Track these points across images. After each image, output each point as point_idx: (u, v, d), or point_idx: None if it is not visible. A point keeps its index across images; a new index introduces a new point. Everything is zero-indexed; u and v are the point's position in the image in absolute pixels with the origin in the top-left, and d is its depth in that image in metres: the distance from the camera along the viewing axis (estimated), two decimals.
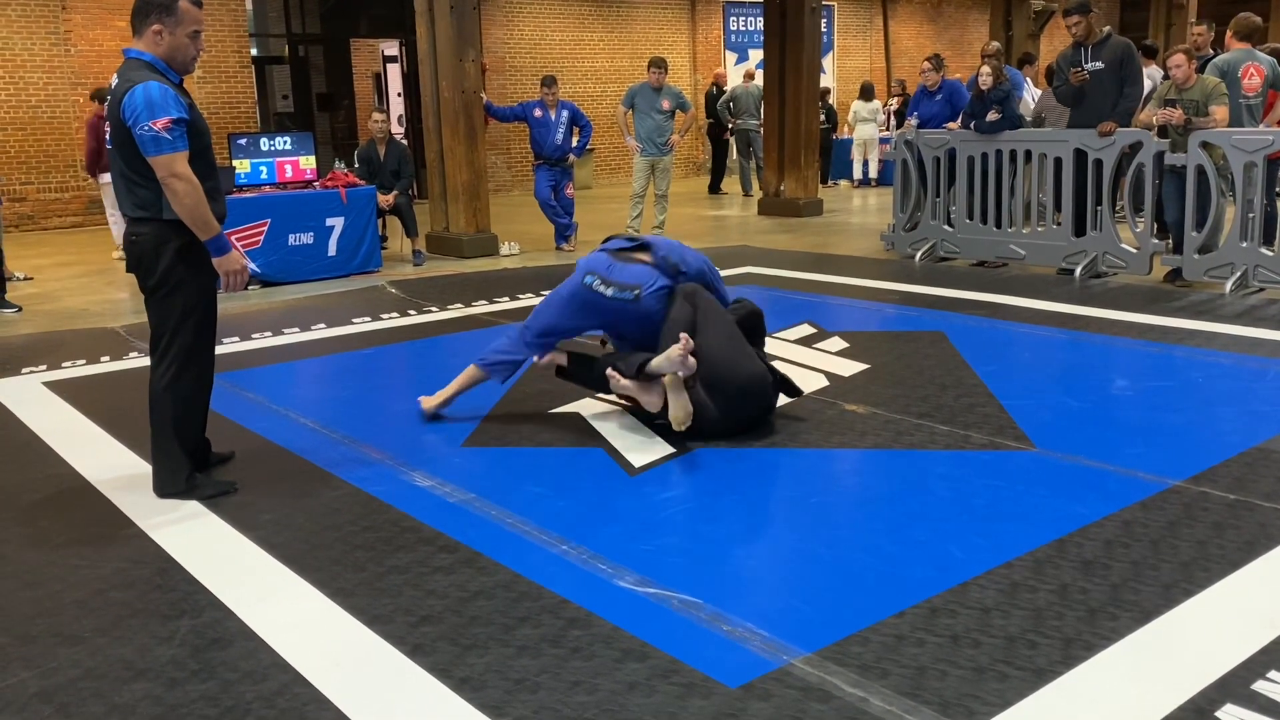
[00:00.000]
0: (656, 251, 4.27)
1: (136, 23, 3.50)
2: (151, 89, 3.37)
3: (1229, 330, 5.73)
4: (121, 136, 3.44)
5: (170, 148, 3.37)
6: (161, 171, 3.39)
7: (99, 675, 2.53)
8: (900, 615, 2.68)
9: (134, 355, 5.96)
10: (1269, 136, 6.61)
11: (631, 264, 4.23)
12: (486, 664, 2.51)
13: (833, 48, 19.76)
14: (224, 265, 3.57)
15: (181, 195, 3.40)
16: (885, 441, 4.09)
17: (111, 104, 3.45)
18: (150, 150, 3.37)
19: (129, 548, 3.29)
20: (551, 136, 9.52)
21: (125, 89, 3.40)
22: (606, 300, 4.19)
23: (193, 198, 3.41)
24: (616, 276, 4.17)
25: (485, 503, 3.55)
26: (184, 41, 3.51)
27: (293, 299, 7.75)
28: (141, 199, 3.50)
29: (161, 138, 3.35)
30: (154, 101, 3.35)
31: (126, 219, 3.59)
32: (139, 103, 3.35)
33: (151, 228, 3.52)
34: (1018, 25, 13.74)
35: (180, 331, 3.61)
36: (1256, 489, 3.44)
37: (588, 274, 4.22)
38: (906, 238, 8.70)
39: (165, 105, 3.36)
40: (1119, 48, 7.42)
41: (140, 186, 3.49)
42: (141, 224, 3.53)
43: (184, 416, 3.68)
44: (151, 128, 3.34)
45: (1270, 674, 2.35)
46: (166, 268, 3.53)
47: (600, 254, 4.30)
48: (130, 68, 3.47)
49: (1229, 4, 8.20)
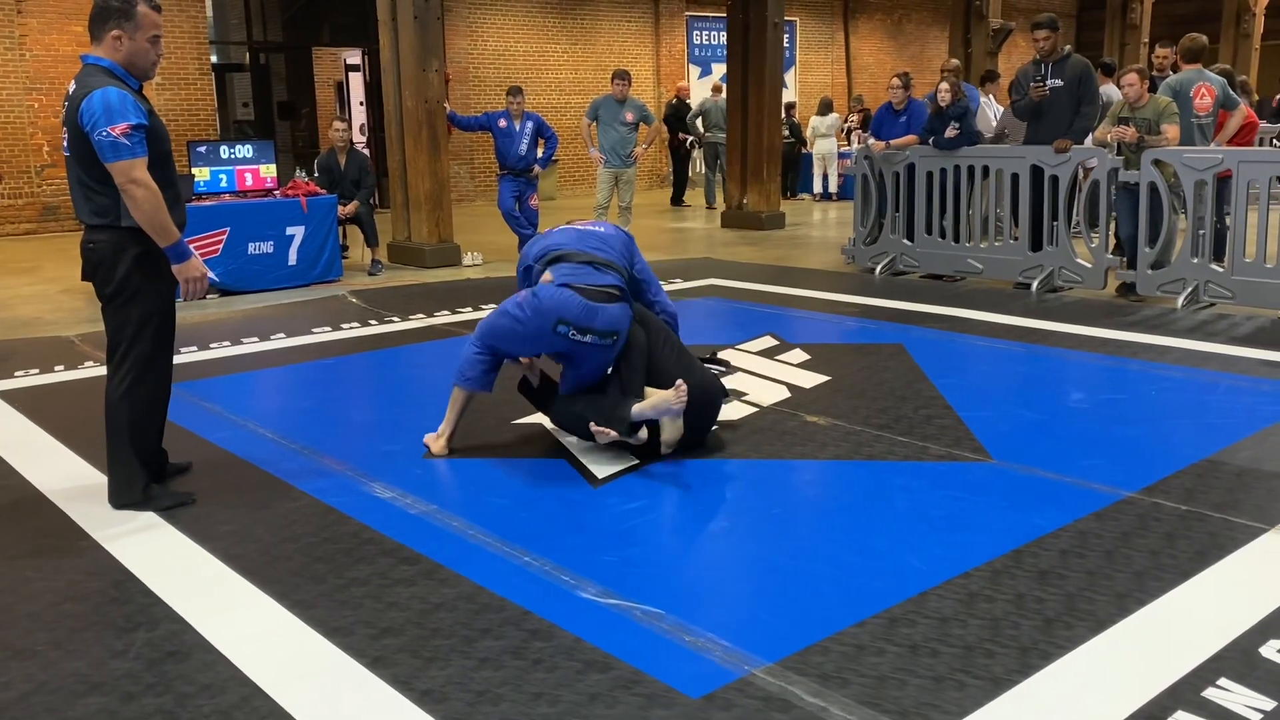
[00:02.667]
0: (614, 275, 4.04)
1: (95, 28, 3.45)
2: (110, 94, 3.33)
3: (1181, 344, 5.85)
4: (79, 143, 3.40)
5: (129, 153, 3.33)
6: (120, 178, 3.34)
7: (51, 689, 2.48)
8: (860, 625, 2.70)
9: (89, 364, 5.87)
10: (1219, 155, 6.76)
11: (606, 305, 3.91)
12: (448, 676, 2.50)
13: (795, 63, 19.93)
14: (184, 273, 3.51)
15: (140, 201, 3.35)
16: (846, 453, 4.12)
17: (69, 109, 3.40)
18: (109, 156, 3.32)
19: (84, 560, 3.24)
20: (516, 147, 9.50)
21: (84, 94, 3.35)
22: (582, 344, 3.94)
23: (151, 204, 3.37)
24: (595, 323, 3.88)
25: (447, 514, 3.54)
26: (144, 47, 3.48)
27: (252, 308, 7.68)
28: (99, 206, 3.46)
29: (120, 143, 3.31)
30: (112, 107, 3.31)
31: (84, 226, 3.54)
32: (97, 108, 3.31)
33: (109, 235, 3.48)
34: (976, 43, 13.93)
35: (138, 340, 3.56)
36: (1207, 500, 3.51)
37: (559, 322, 3.88)
38: (867, 251, 8.78)
39: (124, 110, 3.33)
40: (1078, 66, 7.56)
41: (97, 194, 3.45)
42: (99, 231, 3.49)
43: (140, 426, 3.63)
44: (110, 133, 3.29)
45: (1220, 681, 2.40)
46: (124, 276, 3.49)
47: (567, 294, 3.90)
48: (89, 73, 3.43)
49: (1181, 25, 8.39)
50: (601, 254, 4.10)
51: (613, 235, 4.31)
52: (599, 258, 4.07)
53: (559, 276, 3.97)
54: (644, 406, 3.87)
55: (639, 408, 3.86)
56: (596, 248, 4.14)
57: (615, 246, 4.23)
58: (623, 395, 3.98)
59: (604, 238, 4.26)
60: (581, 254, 4.07)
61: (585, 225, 4.37)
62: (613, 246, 4.22)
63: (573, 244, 4.15)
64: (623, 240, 4.33)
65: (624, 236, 4.37)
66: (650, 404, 3.86)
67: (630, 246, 4.34)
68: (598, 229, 4.31)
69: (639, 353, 4.02)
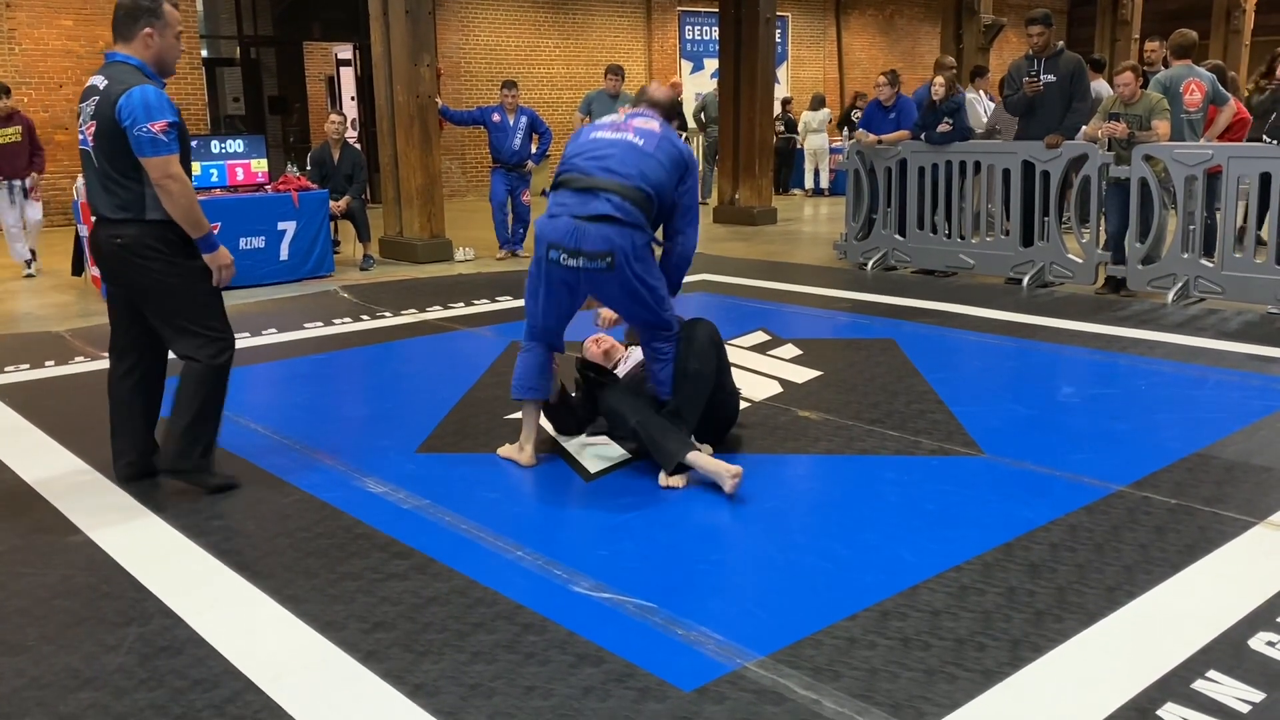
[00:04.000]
0: (613, 199, 3.63)
1: (124, 28, 3.54)
2: (149, 92, 3.44)
3: (1171, 339, 5.87)
4: (107, 137, 3.46)
5: (166, 149, 3.43)
6: (156, 173, 3.43)
7: (44, 684, 2.48)
8: (852, 618, 2.71)
9: (79, 360, 5.86)
10: (1209, 151, 6.78)
11: (598, 225, 3.60)
12: (441, 670, 2.50)
13: (787, 58, 19.94)
14: (214, 261, 3.62)
15: (176, 195, 3.46)
16: (837, 447, 4.13)
17: (102, 105, 3.46)
18: (147, 151, 3.41)
19: (76, 555, 3.23)
20: (510, 141, 9.49)
21: (120, 91, 3.42)
22: (581, 272, 3.66)
23: (187, 197, 3.49)
24: (583, 245, 3.60)
25: (439, 508, 3.54)
26: (171, 44, 3.60)
27: (244, 303, 7.65)
28: (123, 200, 3.52)
29: (159, 139, 3.41)
30: (151, 105, 3.41)
31: (104, 220, 3.58)
32: (137, 105, 3.40)
33: (135, 229, 3.54)
34: (968, 38, 13.96)
35: (212, 307, 3.67)
36: (1196, 494, 3.53)
37: (550, 247, 3.66)
38: (858, 247, 8.80)
39: (162, 108, 3.44)
40: (1070, 63, 7.59)
41: (122, 188, 3.51)
42: (123, 225, 3.54)
43: (223, 394, 3.73)
44: (150, 129, 3.39)
45: (1209, 673, 2.42)
46: (162, 268, 3.56)
47: (556, 220, 3.67)
48: (121, 71, 3.50)
49: (1172, 21, 8.41)
50: (610, 176, 3.67)
51: (651, 147, 3.76)
52: (599, 182, 3.66)
53: (551, 205, 3.78)
54: (699, 461, 3.66)
55: (694, 458, 3.66)
56: (608, 168, 3.69)
57: (639, 162, 3.71)
58: (674, 420, 3.80)
59: (629, 151, 3.74)
60: (583, 179, 3.70)
61: (633, 125, 3.84)
62: (635, 162, 3.71)
63: (581, 164, 3.75)
64: (671, 154, 3.79)
65: (675, 151, 3.81)
66: (705, 466, 3.65)
67: (681, 162, 3.82)
68: (636, 140, 3.77)
69: (703, 382, 3.82)
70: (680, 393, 3.83)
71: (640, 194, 3.67)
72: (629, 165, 3.70)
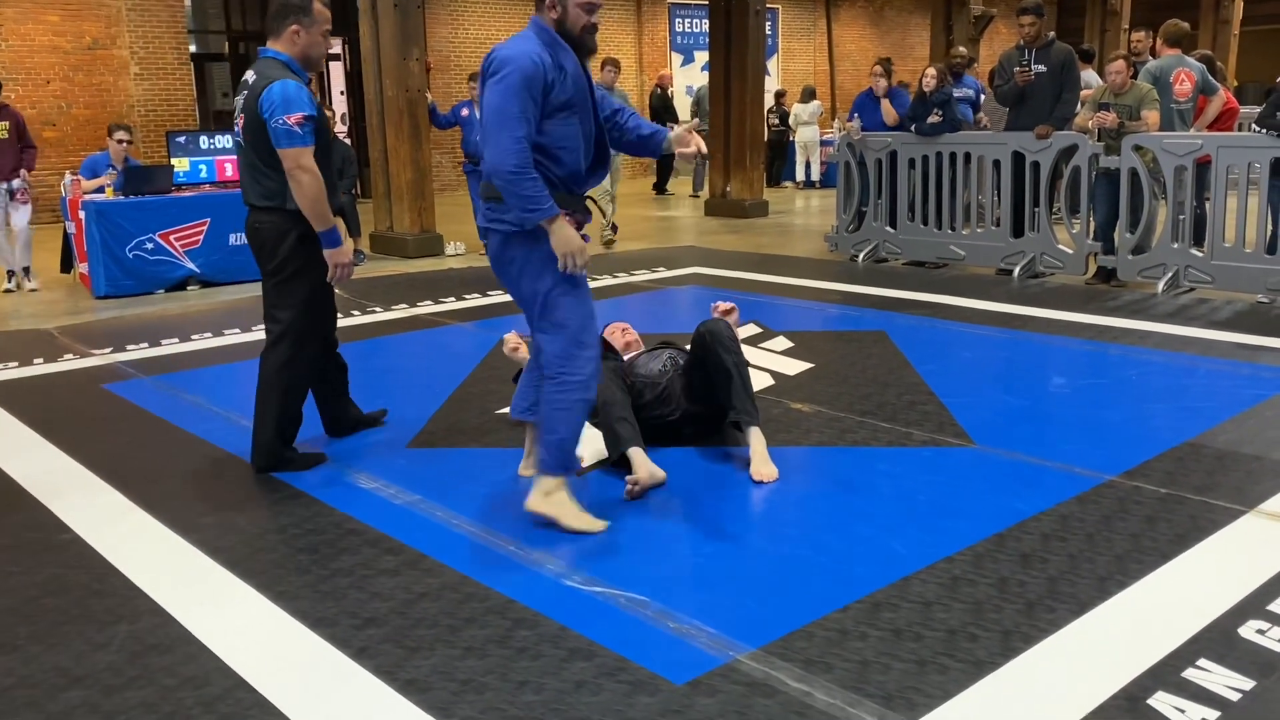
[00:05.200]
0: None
1: (274, 24, 3.77)
2: (289, 86, 3.61)
3: (1161, 329, 5.88)
4: (254, 129, 3.66)
5: (300, 142, 3.60)
6: (289, 163, 3.61)
7: (33, 683, 2.47)
8: (844, 610, 2.71)
9: (69, 357, 5.83)
10: (1198, 141, 6.79)
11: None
12: (432, 665, 2.50)
13: (777, 50, 19.91)
14: (335, 257, 3.77)
15: (305, 187, 3.62)
16: (829, 439, 4.13)
17: (249, 98, 3.66)
18: (282, 143, 3.59)
19: (65, 553, 3.22)
20: (474, 135, 9.33)
21: (264, 85, 3.62)
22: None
23: (315, 190, 3.64)
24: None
25: (430, 504, 3.53)
26: (318, 40, 3.81)
27: (234, 299, 7.63)
28: (267, 189, 3.73)
29: (294, 132, 3.58)
30: (290, 98, 3.59)
31: (252, 208, 3.81)
32: (276, 98, 3.58)
33: (275, 217, 3.74)
34: (958, 29, 13.94)
35: (298, 315, 3.82)
36: (1187, 483, 3.54)
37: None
38: (850, 239, 8.80)
39: (299, 102, 3.61)
40: (1061, 54, 7.59)
41: (267, 177, 3.72)
42: (266, 213, 3.76)
43: (294, 396, 3.88)
44: (286, 122, 3.58)
45: (1200, 662, 2.42)
46: (288, 254, 3.76)
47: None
48: (268, 66, 3.71)
49: (1161, 11, 8.41)
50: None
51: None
52: None
53: None
54: (635, 457, 3.62)
55: (633, 453, 3.62)
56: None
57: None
58: (623, 410, 3.76)
59: None
60: None
61: None
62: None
63: None
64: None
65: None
66: (635, 463, 3.60)
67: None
68: None
69: (744, 369, 3.83)
70: (732, 394, 3.78)
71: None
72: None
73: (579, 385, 3.22)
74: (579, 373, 3.21)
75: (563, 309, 3.19)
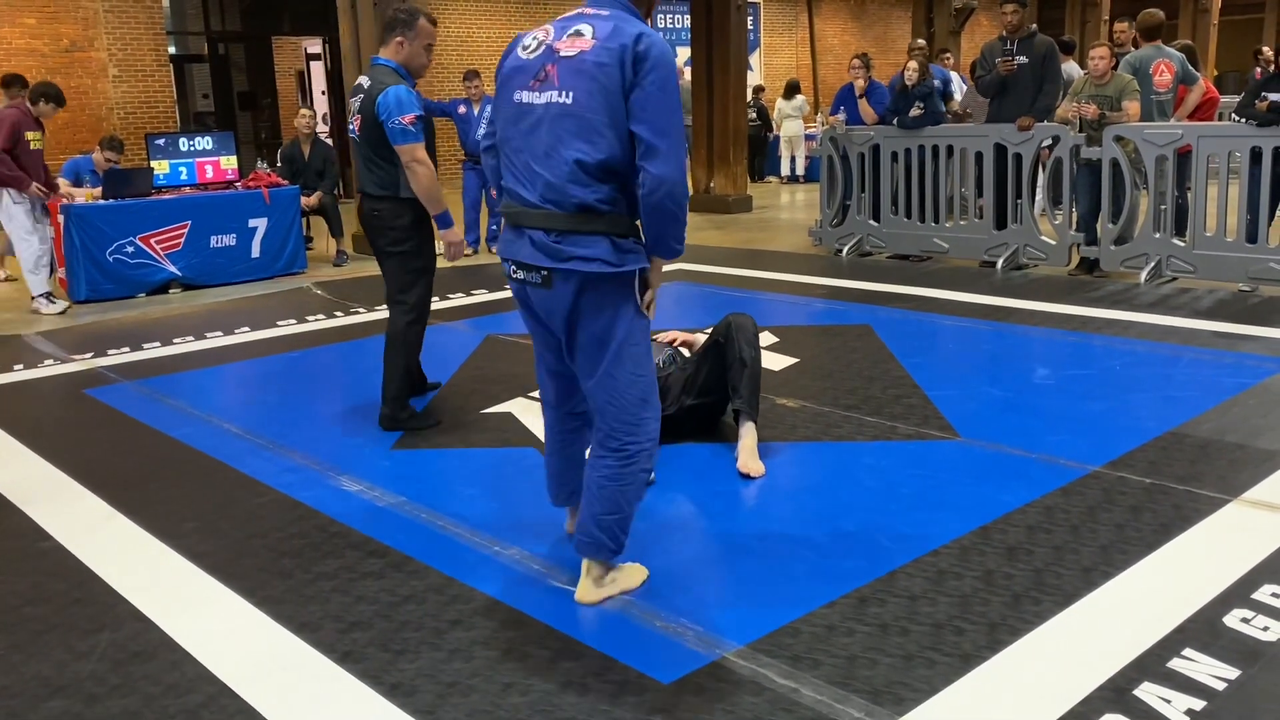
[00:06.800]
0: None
1: (386, 34, 4.26)
2: (401, 91, 4.09)
3: (1144, 319, 5.90)
4: (370, 128, 4.14)
5: (414, 138, 4.09)
6: (405, 157, 4.11)
7: (14, 693, 2.45)
8: (830, 605, 2.71)
9: (49, 363, 5.78)
10: (1179, 131, 6.81)
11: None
12: (418, 669, 2.48)
13: (759, 45, 19.91)
14: (448, 237, 4.37)
15: (421, 177, 4.13)
16: (814, 434, 4.13)
17: (365, 101, 4.15)
18: (399, 140, 4.08)
19: (46, 561, 3.19)
20: (474, 132, 9.38)
21: (379, 90, 4.10)
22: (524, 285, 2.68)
23: (430, 179, 4.16)
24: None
25: (415, 506, 3.51)
26: (419, 51, 4.25)
27: (215, 302, 7.58)
28: (382, 180, 4.24)
29: (409, 130, 4.07)
30: (403, 101, 4.07)
31: (367, 196, 4.32)
32: (391, 102, 4.06)
33: (390, 204, 4.26)
34: (939, 22, 13.98)
35: (417, 285, 4.39)
36: (1171, 472, 3.55)
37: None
38: (834, 233, 8.80)
39: (411, 104, 4.08)
40: (1043, 45, 7.61)
41: (382, 170, 4.22)
42: (381, 201, 4.28)
43: (415, 356, 4.50)
44: (401, 122, 4.06)
45: (1185, 652, 2.43)
46: (403, 235, 4.29)
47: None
48: (380, 73, 4.20)
49: (1140, 2, 8.41)
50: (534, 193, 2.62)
51: (584, 93, 2.57)
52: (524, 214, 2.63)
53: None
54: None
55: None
56: (530, 171, 2.63)
57: (573, 139, 2.54)
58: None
59: (557, 124, 2.59)
60: (510, 208, 2.68)
61: (557, 66, 2.72)
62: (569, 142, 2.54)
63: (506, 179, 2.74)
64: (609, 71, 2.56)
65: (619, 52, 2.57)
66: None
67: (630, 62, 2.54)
68: (563, 99, 2.61)
69: (758, 367, 3.90)
70: (742, 382, 3.86)
71: (578, 205, 2.52)
72: (556, 158, 2.53)
73: (646, 455, 2.69)
74: (646, 440, 2.67)
75: (637, 362, 2.62)
